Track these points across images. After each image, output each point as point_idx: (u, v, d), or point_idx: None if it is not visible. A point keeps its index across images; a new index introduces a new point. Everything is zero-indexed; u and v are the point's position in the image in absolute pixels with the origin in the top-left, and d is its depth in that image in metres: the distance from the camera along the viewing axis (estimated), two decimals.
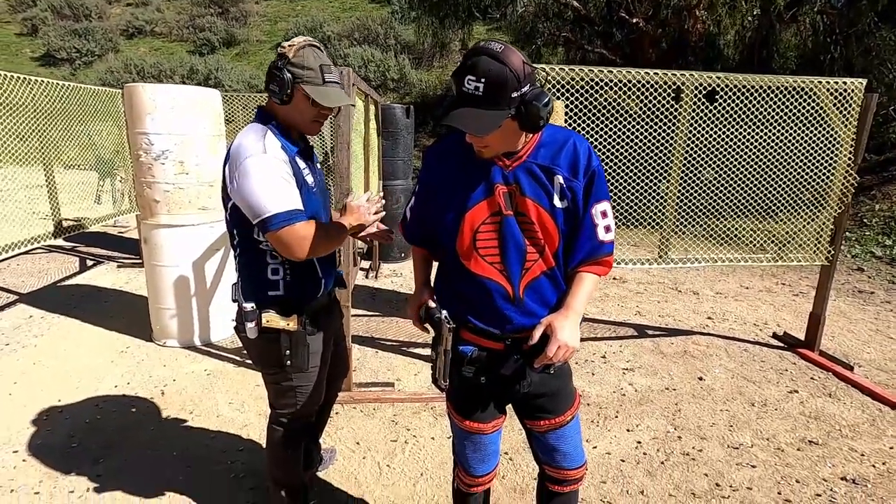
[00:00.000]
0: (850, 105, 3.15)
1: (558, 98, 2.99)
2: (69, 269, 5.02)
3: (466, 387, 1.40)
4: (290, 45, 1.44)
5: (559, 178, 1.23)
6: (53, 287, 4.52)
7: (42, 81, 3.85)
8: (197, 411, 2.67)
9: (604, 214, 1.27)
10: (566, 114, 3.11)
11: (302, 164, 1.54)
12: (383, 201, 1.76)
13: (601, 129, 3.06)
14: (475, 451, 1.46)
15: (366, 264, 5.30)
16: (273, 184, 1.40)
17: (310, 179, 1.55)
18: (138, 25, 18.45)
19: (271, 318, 1.52)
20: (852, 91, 3.13)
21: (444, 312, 1.34)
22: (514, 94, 1.11)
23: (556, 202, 1.24)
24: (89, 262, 5.27)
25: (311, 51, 1.45)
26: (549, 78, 2.85)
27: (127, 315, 3.84)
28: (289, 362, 1.57)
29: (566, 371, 1.42)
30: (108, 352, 3.29)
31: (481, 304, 1.31)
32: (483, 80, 1.08)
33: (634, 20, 8.35)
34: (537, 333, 1.23)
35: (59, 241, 4.94)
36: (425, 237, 1.44)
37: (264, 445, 1.87)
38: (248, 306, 1.53)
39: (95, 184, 5.66)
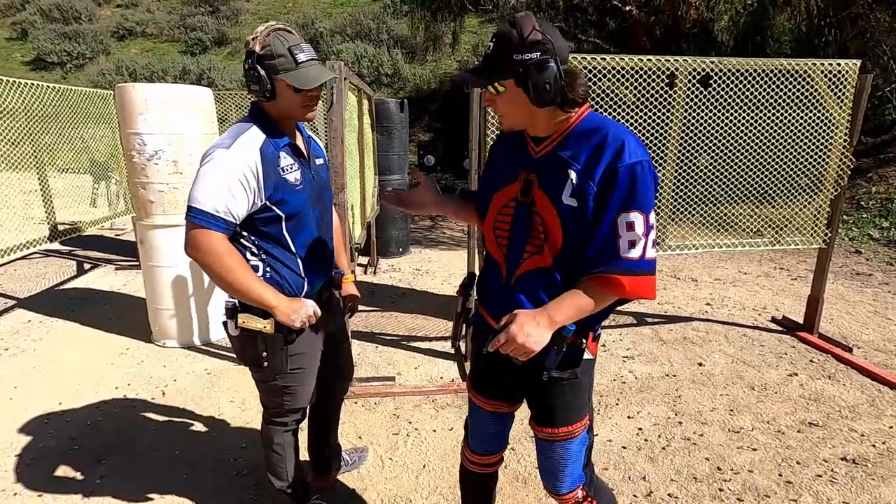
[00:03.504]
0: (845, 87, 3.14)
1: None
2: (66, 273, 5.01)
3: (477, 357, 1.47)
4: (253, 39, 1.40)
5: (572, 175, 1.15)
6: (51, 291, 4.51)
7: (35, 85, 3.83)
8: (198, 410, 2.68)
9: (630, 227, 1.10)
10: None
11: (289, 159, 1.49)
12: (317, 314, 1.54)
13: None
14: (474, 424, 1.52)
15: (364, 260, 5.30)
16: (217, 180, 1.35)
17: (293, 176, 1.49)
18: (129, 27, 18.32)
19: (247, 319, 1.49)
20: (846, 73, 3.12)
21: (472, 285, 1.42)
22: (516, 57, 1.09)
23: (566, 198, 1.16)
24: (86, 266, 5.26)
25: (276, 36, 1.40)
26: None
27: (126, 317, 3.83)
28: (265, 363, 1.54)
29: (576, 387, 1.30)
30: (108, 354, 3.29)
31: (488, 282, 1.36)
32: (494, 39, 1.13)
33: (627, 8, 8.30)
34: (504, 320, 1.16)
35: (56, 245, 4.92)
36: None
37: None
38: (230, 303, 1.52)
39: (89, 187, 5.64)
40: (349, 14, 16.53)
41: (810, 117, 3.21)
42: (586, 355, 1.26)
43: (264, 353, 1.53)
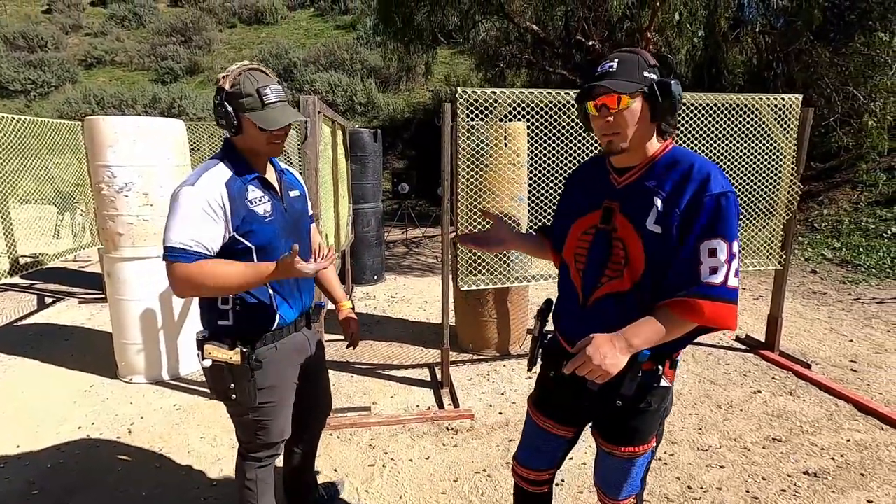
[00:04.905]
0: (790, 119, 3.38)
1: (520, 120, 3.10)
2: (26, 308, 4.82)
3: (542, 375, 1.51)
4: (224, 77, 1.44)
5: (658, 202, 1.19)
6: (9, 328, 4.33)
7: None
8: (167, 448, 2.60)
9: (712, 253, 1.13)
10: (528, 135, 3.23)
11: (258, 192, 1.51)
12: (334, 257, 1.54)
13: (563, 149, 3.18)
14: (525, 433, 1.57)
15: None
16: (184, 215, 1.38)
17: (262, 208, 1.51)
18: (97, 55, 18.13)
19: (212, 350, 1.49)
20: (790, 106, 3.36)
21: (550, 311, 1.45)
22: (646, 74, 1.19)
23: (650, 225, 1.19)
24: (48, 300, 5.08)
25: (246, 76, 1.43)
26: (510, 101, 2.96)
27: (90, 352, 3.71)
28: (234, 396, 1.53)
29: (647, 416, 1.31)
30: (71, 392, 3.17)
31: (563, 307, 1.41)
32: (616, 59, 1.22)
33: (591, 42, 8.72)
34: (580, 343, 1.17)
35: (15, 279, 4.75)
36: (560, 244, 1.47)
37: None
38: (200, 335, 1.52)
39: (53, 218, 5.49)
40: (323, 45, 16.79)
41: (761, 147, 3.42)
42: (663, 382, 1.28)
43: (231, 386, 1.52)
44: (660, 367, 1.26)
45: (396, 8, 8.93)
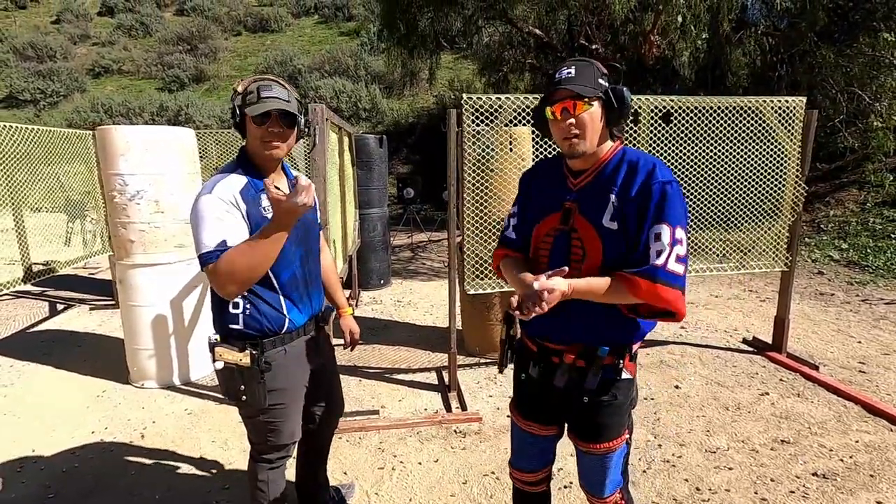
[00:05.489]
0: (794, 121, 3.39)
1: (525, 125, 3.13)
2: (38, 315, 4.89)
3: (516, 378, 1.55)
4: (239, 82, 1.55)
5: (612, 198, 1.28)
6: (23, 334, 4.39)
7: (11, 127, 3.83)
8: (179, 452, 2.63)
9: (657, 237, 1.22)
10: (533, 140, 3.26)
11: (267, 201, 1.55)
12: (311, 185, 1.42)
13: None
14: (514, 442, 1.62)
15: (346, 293, 5.31)
16: (206, 222, 1.44)
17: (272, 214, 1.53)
18: (105, 64, 18.37)
19: (223, 352, 1.53)
20: (794, 108, 3.37)
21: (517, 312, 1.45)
22: (601, 81, 1.28)
23: (606, 223, 1.28)
24: (60, 306, 5.15)
25: (258, 81, 1.53)
26: (515, 106, 3.00)
27: (102, 358, 3.76)
28: (244, 398, 1.57)
29: (613, 409, 1.38)
30: (84, 397, 3.21)
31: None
32: (574, 66, 1.29)
33: (594, 46, 8.75)
34: (543, 281, 1.23)
35: (27, 286, 4.82)
36: (519, 244, 1.52)
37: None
38: (213, 338, 1.56)
39: (63, 226, 5.56)
40: (327, 51, 16.93)
41: (765, 149, 3.44)
42: (624, 374, 1.35)
43: (242, 387, 1.56)
44: (620, 361, 1.33)
45: (400, 14, 9.01)
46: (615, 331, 1.34)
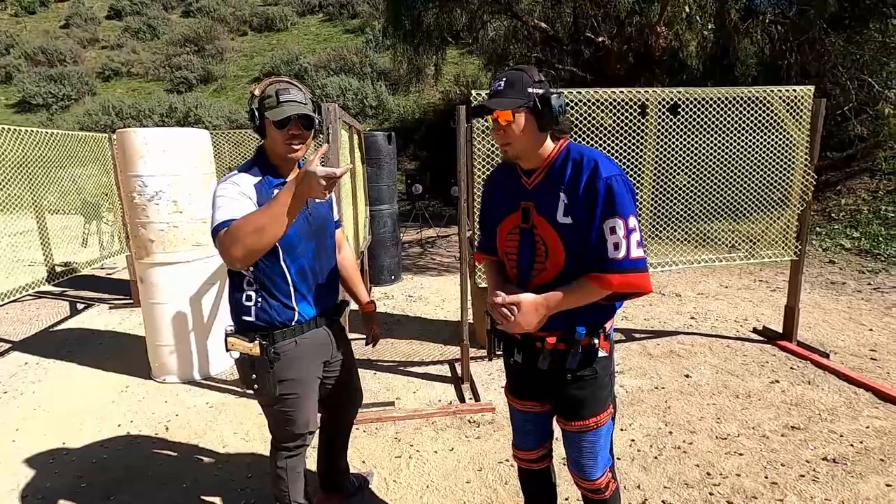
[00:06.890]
0: (802, 110, 3.39)
1: None
2: (60, 314, 5.02)
3: (505, 363, 1.67)
4: (256, 85, 1.62)
5: (563, 195, 1.35)
6: (46, 333, 4.52)
7: (31, 131, 3.94)
8: (203, 443, 2.72)
9: (612, 231, 1.28)
10: None
11: None
12: (346, 169, 1.48)
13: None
14: (513, 424, 1.72)
15: None
16: (221, 203, 1.52)
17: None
18: (114, 67, 18.58)
19: (235, 342, 1.62)
20: (802, 97, 3.38)
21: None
22: (530, 90, 1.32)
23: (560, 218, 1.35)
24: (80, 306, 5.28)
25: (275, 84, 1.60)
26: None
27: (124, 355, 3.87)
28: (255, 386, 1.64)
29: (596, 383, 1.46)
30: (109, 392, 3.32)
31: None
32: (504, 78, 1.35)
33: (600, 39, 8.73)
34: (510, 300, 1.35)
35: (48, 287, 4.96)
36: (492, 247, 1.60)
37: None
38: (228, 329, 1.64)
39: (79, 228, 5.70)
40: (332, 49, 16.99)
41: (773, 139, 3.44)
42: (600, 353, 1.44)
43: (253, 376, 1.63)
44: (595, 341, 1.42)
45: (405, 10, 9.04)
46: (591, 315, 1.42)
